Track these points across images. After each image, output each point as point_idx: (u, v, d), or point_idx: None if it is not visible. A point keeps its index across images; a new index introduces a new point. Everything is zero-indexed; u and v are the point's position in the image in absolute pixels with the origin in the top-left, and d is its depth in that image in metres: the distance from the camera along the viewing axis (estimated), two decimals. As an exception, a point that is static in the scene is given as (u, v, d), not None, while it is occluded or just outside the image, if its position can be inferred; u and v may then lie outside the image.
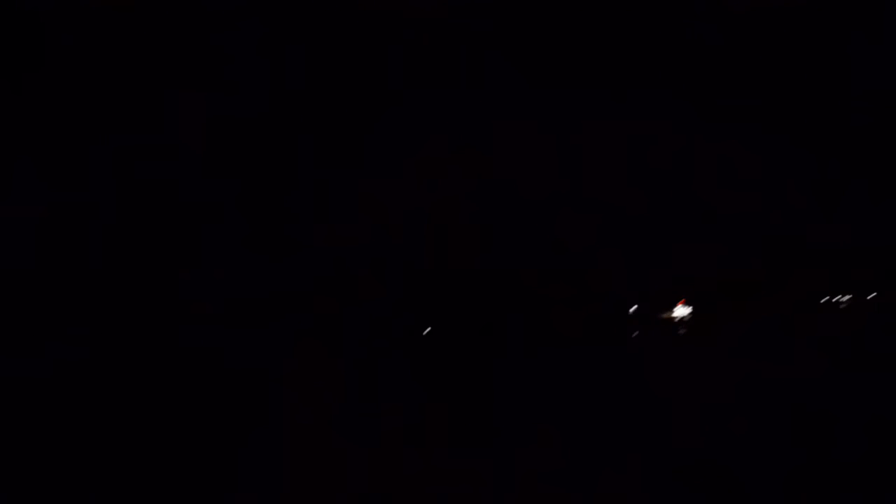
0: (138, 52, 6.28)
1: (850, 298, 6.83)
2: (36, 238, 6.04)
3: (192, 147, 6.27)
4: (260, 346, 6.13)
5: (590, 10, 6.86)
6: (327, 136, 6.52)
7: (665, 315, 6.40)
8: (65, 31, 6.09)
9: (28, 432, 5.43)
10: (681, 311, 6.47)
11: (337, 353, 6.10)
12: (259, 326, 6.18)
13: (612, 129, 6.89)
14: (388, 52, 6.64)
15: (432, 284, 6.41)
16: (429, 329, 6.20)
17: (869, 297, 6.82)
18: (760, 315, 6.68)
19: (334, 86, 6.63)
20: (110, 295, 6.02)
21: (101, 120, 6.26)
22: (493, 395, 5.99)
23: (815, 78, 7.01)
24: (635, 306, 6.31)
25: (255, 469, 5.26)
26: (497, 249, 6.64)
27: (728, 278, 6.86)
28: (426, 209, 6.52)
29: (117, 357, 5.86)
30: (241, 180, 6.34)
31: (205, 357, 5.99)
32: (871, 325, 6.56)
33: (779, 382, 6.12)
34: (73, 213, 6.07)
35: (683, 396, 5.92)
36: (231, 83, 6.39)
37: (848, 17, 6.86)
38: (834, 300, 6.85)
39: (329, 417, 5.72)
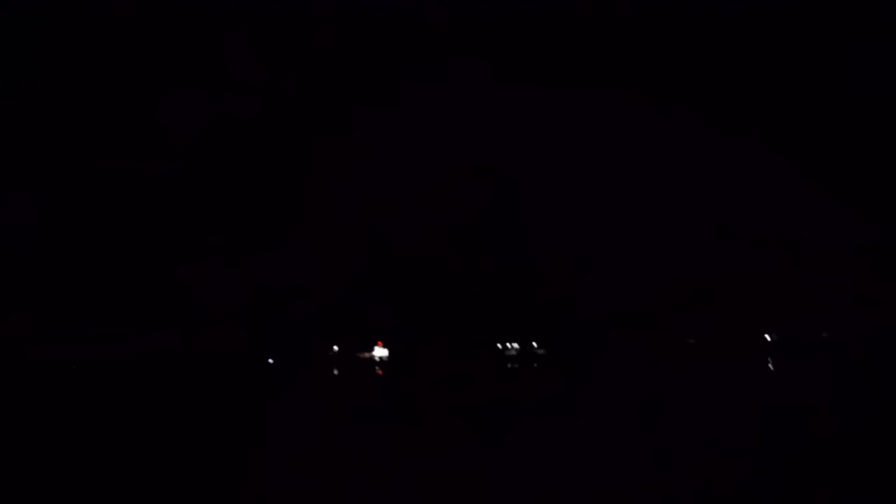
0: (137, 52, 6.26)
1: (850, 299, 6.81)
2: (34, 238, 6.02)
3: (192, 147, 6.25)
4: (259, 346, 6.12)
5: (594, 13, 6.85)
6: (326, 137, 6.51)
7: (364, 355, 6.47)
8: (63, 31, 6.08)
9: (28, 432, 5.40)
10: (379, 351, 6.55)
11: (335, 354, 6.09)
12: (258, 326, 6.17)
13: (610, 130, 6.87)
14: (387, 52, 6.63)
15: (431, 284, 6.40)
16: (426, 330, 6.19)
17: (869, 298, 6.80)
18: (761, 315, 6.65)
19: (333, 86, 6.62)
20: (109, 295, 6.00)
21: (99, 120, 6.25)
22: (490, 396, 5.96)
23: (816, 79, 6.99)
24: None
25: (254, 469, 5.24)
26: (496, 251, 6.63)
27: (728, 279, 6.84)
28: (425, 209, 6.50)
29: (117, 357, 5.84)
30: (241, 180, 6.32)
31: (204, 356, 5.98)
32: (872, 326, 6.54)
33: (779, 383, 6.09)
34: (72, 212, 6.05)
35: (682, 397, 5.89)
36: (231, 83, 6.38)
37: (851, 19, 6.85)
38: (833, 300, 6.83)
39: (329, 418, 5.69)
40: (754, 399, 5.91)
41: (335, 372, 6.29)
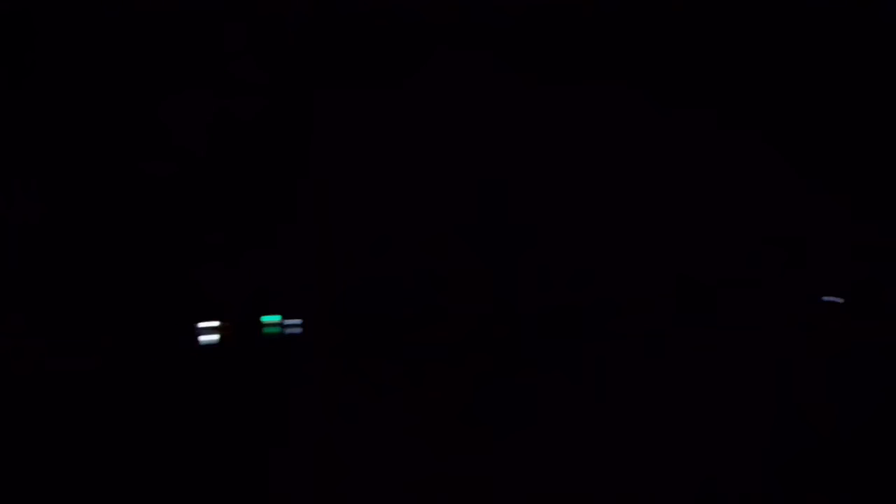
0: (137, 52, 6.28)
1: (850, 300, 6.82)
2: (34, 239, 6.04)
3: (192, 147, 6.27)
4: (259, 346, 6.14)
5: (593, 12, 6.87)
6: (326, 136, 6.53)
7: None
8: (60, 30, 6.09)
9: (30, 438, 5.42)
10: None
11: (335, 352, 6.10)
12: (257, 325, 6.18)
13: (610, 129, 6.90)
14: (388, 52, 6.64)
15: (429, 284, 6.41)
16: (426, 329, 6.19)
17: (869, 297, 6.81)
18: (761, 316, 6.67)
19: (333, 86, 6.64)
20: (109, 296, 6.02)
21: (99, 120, 6.27)
22: (492, 396, 5.98)
23: (816, 78, 7.01)
24: None
25: (254, 469, 5.25)
26: (494, 251, 6.64)
27: (728, 280, 6.86)
28: (425, 210, 6.53)
29: (117, 360, 5.86)
30: (241, 180, 6.35)
31: (204, 357, 5.99)
32: (872, 326, 6.55)
33: (778, 383, 6.11)
34: (72, 214, 6.07)
35: (681, 397, 5.91)
36: (231, 83, 6.40)
37: (851, 19, 6.87)
38: (834, 301, 6.84)
39: (329, 418, 5.71)
40: (754, 399, 5.93)
41: None
